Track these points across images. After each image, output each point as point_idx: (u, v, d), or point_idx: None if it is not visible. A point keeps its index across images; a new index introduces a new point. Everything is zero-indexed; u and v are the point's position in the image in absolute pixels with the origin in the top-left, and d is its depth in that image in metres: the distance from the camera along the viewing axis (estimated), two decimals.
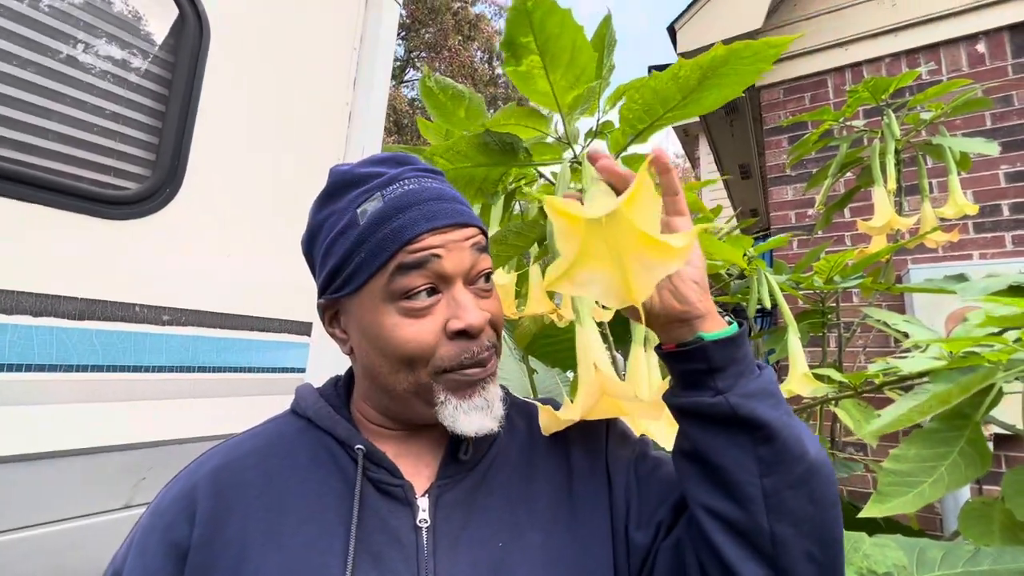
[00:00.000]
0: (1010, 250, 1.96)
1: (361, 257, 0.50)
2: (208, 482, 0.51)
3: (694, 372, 0.47)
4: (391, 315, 0.50)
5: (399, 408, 0.54)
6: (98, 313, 0.96)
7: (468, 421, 0.50)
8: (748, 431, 0.45)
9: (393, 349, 0.50)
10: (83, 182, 0.97)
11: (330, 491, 0.51)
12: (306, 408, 0.57)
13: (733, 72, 0.51)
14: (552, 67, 0.57)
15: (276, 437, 0.56)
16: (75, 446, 0.91)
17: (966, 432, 0.57)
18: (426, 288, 0.50)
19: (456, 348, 0.50)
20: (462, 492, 0.53)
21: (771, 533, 0.44)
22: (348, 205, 0.52)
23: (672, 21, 2.51)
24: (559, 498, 0.54)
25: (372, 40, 1.54)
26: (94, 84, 1.00)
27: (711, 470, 0.47)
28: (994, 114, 2.05)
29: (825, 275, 1.16)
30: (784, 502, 0.44)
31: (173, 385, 1.06)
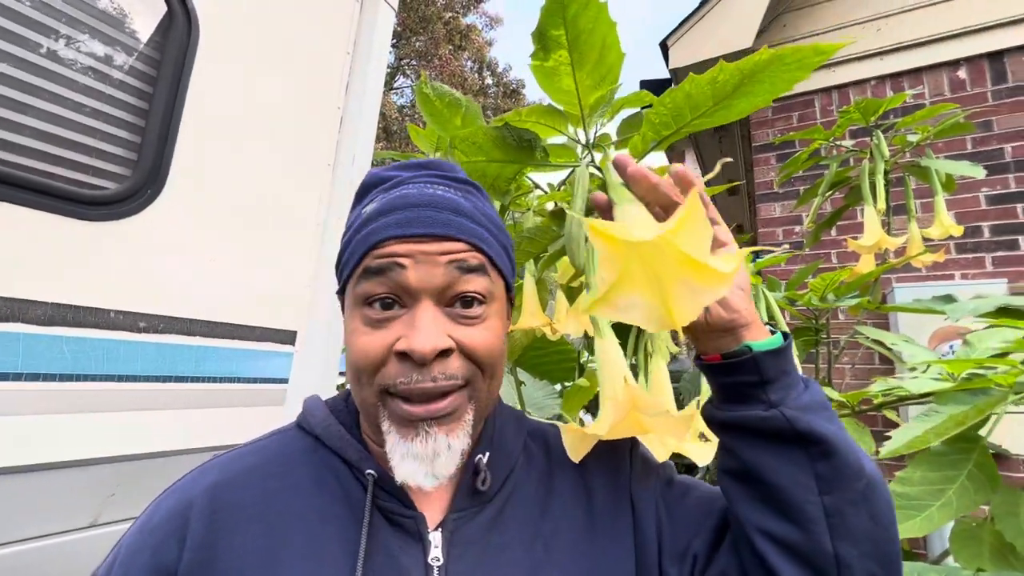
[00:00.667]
0: (990, 271, 2.01)
1: (345, 258, 0.50)
2: (204, 500, 0.47)
3: (742, 384, 0.44)
4: (354, 320, 0.48)
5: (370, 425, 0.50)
6: (69, 318, 0.90)
7: (400, 466, 0.45)
8: (804, 446, 0.42)
9: (349, 355, 0.48)
10: (58, 180, 0.92)
11: (335, 519, 0.46)
12: (314, 425, 0.52)
13: (769, 79, 0.49)
14: (580, 64, 0.55)
15: (279, 454, 0.51)
16: (38, 460, 0.85)
17: (973, 455, 0.56)
18: (384, 298, 0.46)
19: (396, 368, 0.45)
20: (477, 528, 0.48)
21: (835, 555, 0.41)
22: (361, 206, 0.51)
23: (665, 37, 2.55)
24: (579, 534, 0.50)
25: (366, 45, 1.52)
26: (73, 79, 0.96)
27: (766, 490, 0.43)
28: (974, 138, 2.11)
29: (820, 293, 1.16)
30: (846, 521, 0.41)
31: (148, 395, 1.01)
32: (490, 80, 17.10)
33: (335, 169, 1.42)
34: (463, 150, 0.63)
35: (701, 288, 0.39)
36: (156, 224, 1.04)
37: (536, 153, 0.64)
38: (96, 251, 0.95)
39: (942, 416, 0.53)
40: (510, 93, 17.08)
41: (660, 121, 0.55)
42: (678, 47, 2.48)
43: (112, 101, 1.01)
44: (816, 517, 0.41)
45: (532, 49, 0.55)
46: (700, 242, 0.38)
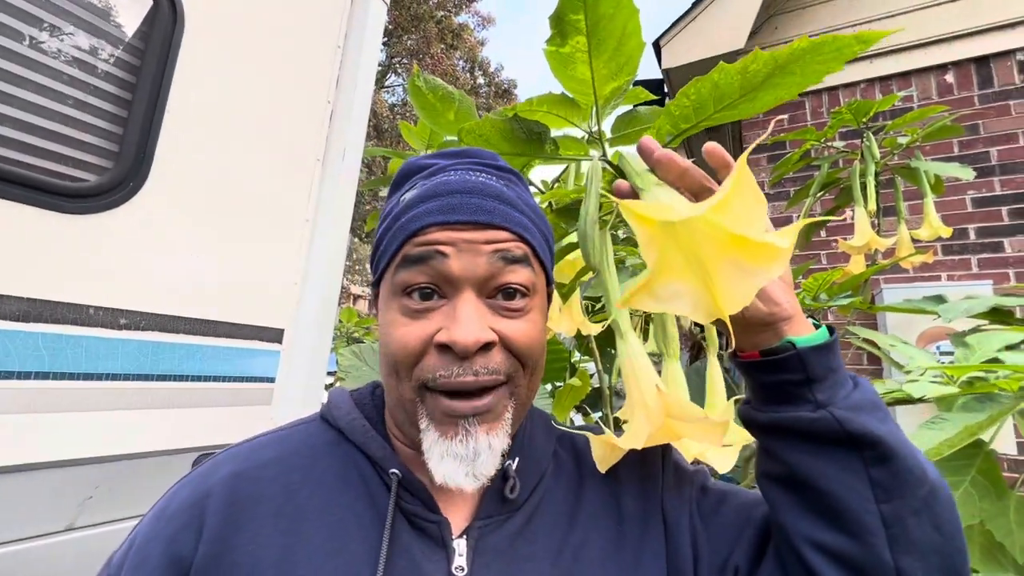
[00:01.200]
0: (976, 272, 2.04)
1: (384, 245, 0.47)
2: (222, 490, 0.44)
3: (787, 383, 0.41)
4: (391, 311, 0.45)
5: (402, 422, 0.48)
6: (45, 315, 0.87)
7: (439, 466, 0.43)
8: (858, 450, 0.38)
9: (385, 347, 0.45)
10: (36, 171, 0.89)
11: (356, 519, 0.44)
12: (338, 418, 0.50)
13: (801, 70, 0.47)
14: (597, 52, 0.53)
15: (302, 446, 0.49)
16: (12, 462, 0.81)
17: (977, 461, 0.55)
18: (424, 287, 0.44)
19: (436, 361, 0.43)
20: (504, 537, 0.45)
21: (896, 569, 0.37)
22: (400, 193, 0.49)
23: (658, 37, 2.54)
24: (608, 547, 0.46)
25: (357, 39, 1.49)
26: (53, 68, 0.92)
27: (816, 497, 0.40)
28: (961, 141, 2.14)
29: (812, 293, 1.16)
30: (908, 531, 0.37)
31: (129, 395, 0.98)
32: (482, 80, 17.07)
33: (324, 164, 1.39)
34: (469, 143, 0.61)
35: (754, 268, 0.35)
36: (138, 218, 1.00)
37: (546, 146, 0.62)
38: (75, 245, 0.92)
39: (954, 426, 0.51)
40: (502, 93, 17.05)
41: (681, 114, 0.51)
42: (671, 47, 2.48)
43: (94, 91, 0.98)
44: (874, 527, 0.38)
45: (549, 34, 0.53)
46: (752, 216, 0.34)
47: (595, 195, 0.53)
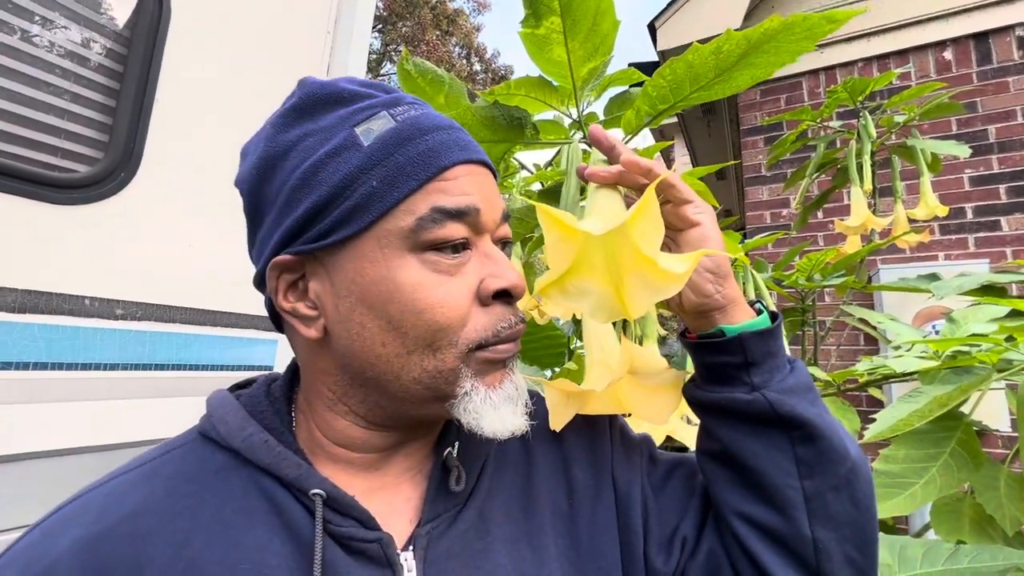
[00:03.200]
0: (973, 251, 2.04)
1: (370, 186, 0.36)
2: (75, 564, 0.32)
3: (725, 365, 0.42)
4: (413, 269, 0.37)
5: (397, 408, 0.40)
6: (41, 306, 0.88)
7: (497, 419, 0.38)
8: (786, 430, 0.40)
9: (416, 318, 0.36)
10: (26, 163, 0.89)
11: (275, 559, 0.35)
12: (228, 436, 0.39)
13: (775, 50, 0.47)
14: (572, 32, 0.53)
15: (181, 482, 0.38)
16: (11, 451, 0.83)
17: (957, 433, 0.56)
18: (460, 241, 0.38)
19: (492, 316, 0.38)
20: (455, 538, 0.40)
21: (813, 539, 0.40)
22: (337, 123, 0.38)
23: (653, 19, 2.52)
24: (562, 528, 0.44)
25: (348, 23, 1.47)
26: (39, 58, 0.92)
27: (746, 473, 0.42)
28: (959, 119, 2.12)
29: (806, 273, 1.16)
30: (827, 506, 0.40)
31: (127, 384, 0.99)
32: (478, 66, 16.90)
33: None
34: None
35: (655, 284, 0.38)
36: (131, 208, 1.00)
37: (526, 131, 0.62)
38: (69, 236, 0.92)
39: (926, 398, 0.52)
40: (498, 80, 16.89)
41: (657, 94, 0.52)
42: (666, 29, 2.45)
43: (81, 81, 0.97)
44: (796, 502, 0.40)
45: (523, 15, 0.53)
46: (653, 239, 0.37)
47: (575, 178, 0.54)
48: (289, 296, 0.40)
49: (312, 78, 0.42)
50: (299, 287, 0.40)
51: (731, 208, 4.25)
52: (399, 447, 0.43)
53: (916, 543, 0.85)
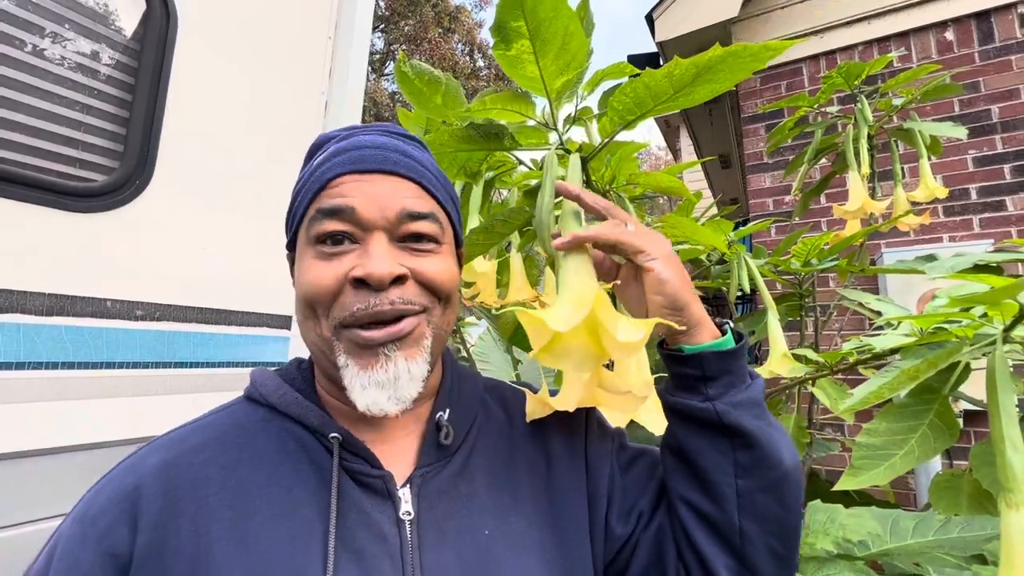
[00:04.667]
0: (978, 232, 2.02)
1: (296, 202, 0.51)
2: (154, 480, 0.45)
3: (687, 376, 0.50)
4: (307, 257, 0.49)
5: (330, 375, 0.50)
6: (67, 309, 0.93)
7: (362, 396, 0.46)
8: (729, 437, 0.48)
9: (300, 290, 0.48)
10: (47, 174, 0.94)
11: (302, 485, 0.46)
12: (268, 394, 0.51)
13: (728, 69, 0.51)
14: (542, 52, 0.56)
15: (232, 428, 0.50)
16: (43, 446, 0.88)
17: (935, 405, 0.59)
18: (340, 233, 0.47)
19: (353, 298, 0.46)
20: (445, 480, 0.50)
21: (740, 529, 0.48)
22: (314, 159, 0.53)
23: (651, 10, 2.52)
24: (539, 486, 0.53)
25: (347, 28, 1.51)
26: (55, 72, 0.97)
27: (693, 468, 0.50)
28: (962, 100, 2.10)
29: (802, 258, 1.18)
30: (755, 503, 0.48)
31: (150, 381, 1.04)
32: (481, 62, 16.87)
33: None
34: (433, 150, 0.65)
35: (620, 347, 0.45)
36: (146, 214, 1.05)
37: (504, 140, 0.66)
38: (89, 242, 0.97)
39: (896, 371, 0.55)
40: (502, 75, 16.85)
41: (623, 108, 0.58)
42: (664, 19, 2.45)
43: (95, 94, 1.02)
44: (730, 496, 0.48)
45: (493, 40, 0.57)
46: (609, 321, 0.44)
47: (550, 185, 0.58)
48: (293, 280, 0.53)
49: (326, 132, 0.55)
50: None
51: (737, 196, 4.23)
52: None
53: (908, 516, 0.88)
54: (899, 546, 0.82)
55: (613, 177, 0.73)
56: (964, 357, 0.56)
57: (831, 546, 0.76)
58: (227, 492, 0.45)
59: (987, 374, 0.50)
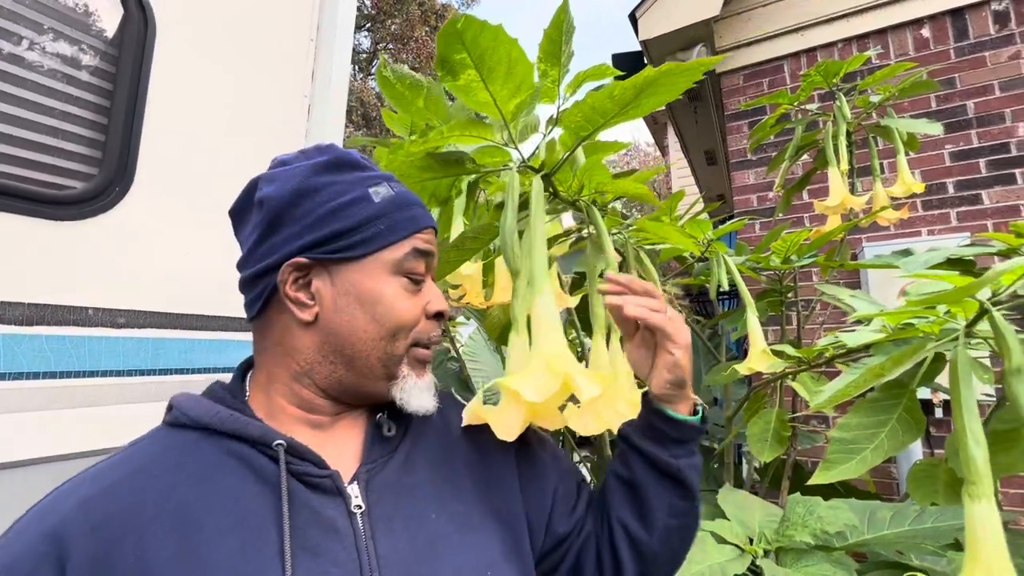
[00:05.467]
0: (955, 225, 2.06)
1: (379, 228, 0.54)
2: (78, 518, 0.43)
3: (665, 434, 0.60)
4: (393, 285, 0.55)
5: (356, 380, 0.55)
6: (47, 318, 0.92)
7: (419, 397, 0.56)
8: (677, 486, 0.60)
9: (389, 315, 0.54)
10: (24, 182, 0.93)
11: (249, 496, 0.47)
12: (199, 416, 0.51)
13: (668, 83, 0.55)
14: (490, 79, 0.59)
15: (160, 455, 0.49)
16: (25, 456, 0.87)
17: (903, 400, 0.60)
18: (422, 275, 0.58)
19: (430, 326, 0.58)
20: (390, 473, 0.54)
21: (654, 553, 0.60)
22: (356, 182, 0.56)
23: (633, 9, 2.53)
24: (478, 478, 0.59)
25: (330, 30, 1.50)
26: (32, 79, 0.96)
27: (639, 501, 0.60)
28: (938, 96, 2.14)
29: (782, 255, 1.20)
30: (672, 537, 0.61)
31: (133, 389, 1.03)
32: None
33: None
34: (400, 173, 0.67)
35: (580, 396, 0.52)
36: (127, 221, 1.04)
37: (466, 164, 0.68)
38: (69, 251, 0.96)
39: (862, 368, 0.57)
40: None
41: (576, 126, 0.62)
42: (647, 18, 2.46)
43: (72, 100, 1.01)
44: (659, 528, 0.60)
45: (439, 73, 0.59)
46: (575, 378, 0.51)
47: (513, 204, 0.60)
48: (295, 288, 0.54)
49: (336, 147, 0.59)
50: (302, 282, 0.54)
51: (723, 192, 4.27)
52: (344, 415, 0.57)
53: (886, 507, 0.90)
54: (876, 536, 0.85)
55: (581, 187, 0.74)
56: (929, 352, 0.58)
57: (809, 538, 0.78)
58: (167, 515, 0.44)
59: (950, 369, 0.51)
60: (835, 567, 0.78)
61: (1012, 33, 2.05)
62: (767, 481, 1.44)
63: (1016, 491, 1.83)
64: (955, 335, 0.55)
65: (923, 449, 1.98)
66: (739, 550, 0.83)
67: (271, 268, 0.54)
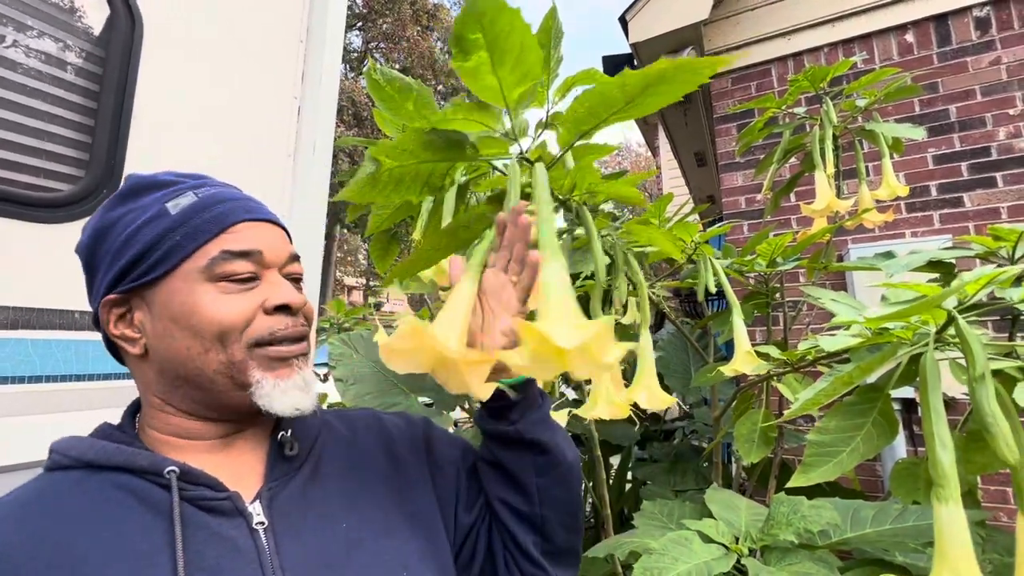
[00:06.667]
0: (938, 228, 2.10)
1: (175, 240, 0.52)
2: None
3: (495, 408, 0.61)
4: (209, 292, 0.51)
5: (210, 398, 0.52)
6: (33, 321, 0.91)
7: (284, 400, 0.52)
8: (529, 447, 0.61)
9: (208, 323, 0.50)
10: (9, 184, 0.92)
11: (137, 526, 0.45)
12: (81, 454, 0.49)
13: (677, 80, 0.54)
14: (500, 64, 0.58)
15: (35, 498, 0.47)
16: (11, 462, 0.87)
17: (878, 404, 0.62)
18: (248, 274, 0.53)
19: (271, 321, 0.53)
20: (295, 489, 0.53)
21: (541, 515, 0.62)
22: (153, 202, 0.54)
23: (624, 11, 2.55)
24: (390, 485, 0.60)
25: (319, 31, 1.50)
26: (17, 81, 0.95)
27: (506, 473, 0.62)
28: (922, 100, 2.18)
29: (768, 257, 1.21)
30: (550, 493, 0.62)
31: (124, 392, 1.03)
32: None
33: (296, 159, 1.42)
34: (393, 156, 0.65)
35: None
36: None
37: (466, 149, 0.67)
38: (56, 253, 0.96)
39: (832, 378, 0.58)
40: None
41: (579, 118, 0.60)
42: (636, 21, 2.48)
43: (58, 102, 1.00)
44: (532, 492, 0.61)
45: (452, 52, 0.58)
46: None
47: (515, 191, 0.59)
48: (119, 325, 0.54)
49: (138, 174, 0.57)
50: (126, 318, 0.54)
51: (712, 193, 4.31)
52: (238, 434, 0.56)
53: (868, 506, 0.92)
54: (858, 535, 0.86)
55: (573, 186, 0.75)
56: (903, 357, 0.59)
57: (793, 537, 0.79)
58: (42, 556, 0.42)
59: (920, 375, 0.53)
60: (818, 565, 0.79)
61: (993, 39, 2.09)
62: (755, 480, 1.46)
63: (995, 488, 1.87)
64: (927, 340, 0.56)
65: (907, 447, 2.02)
66: (725, 549, 0.85)
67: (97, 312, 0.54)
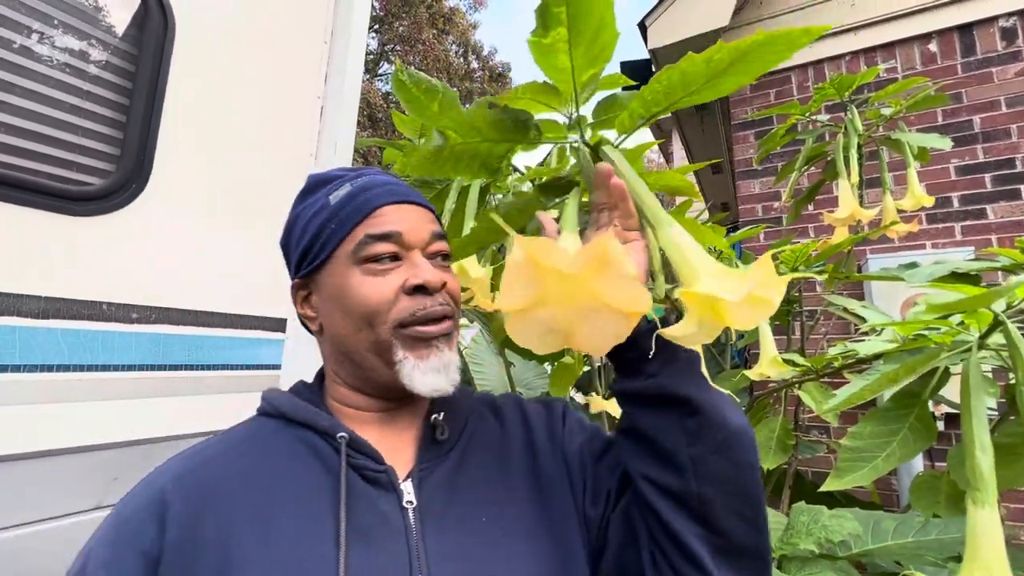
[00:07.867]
0: (959, 239, 2.07)
1: (331, 229, 0.57)
2: (175, 486, 0.51)
3: (627, 360, 0.53)
4: (356, 276, 0.55)
5: (365, 374, 0.57)
6: (63, 311, 0.93)
7: (424, 381, 0.54)
8: (675, 407, 0.50)
9: (356, 305, 0.54)
10: (43, 177, 0.94)
11: (314, 482, 0.52)
12: (280, 406, 0.58)
13: (760, 58, 0.51)
14: (576, 42, 0.57)
15: (247, 438, 0.57)
16: (38, 448, 0.88)
17: (915, 409, 0.61)
18: (389, 254, 0.56)
19: (411, 302, 0.55)
20: (443, 474, 0.56)
21: (698, 494, 0.49)
22: (321, 196, 0.59)
23: (643, 17, 2.55)
24: (530, 479, 0.59)
25: (343, 32, 1.52)
26: (51, 76, 0.97)
27: (648, 443, 0.52)
28: (945, 111, 2.16)
29: (791, 265, 1.21)
30: (708, 467, 0.49)
31: (146, 384, 1.04)
32: (475, 64, 16.88)
33: (317, 158, 1.44)
34: (460, 132, 0.64)
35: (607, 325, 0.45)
36: (143, 218, 1.05)
37: (530, 131, 0.66)
38: (85, 246, 0.97)
39: (878, 374, 0.58)
40: (496, 77, 16.87)
41: (652, 98, 0.57)
42: (656, 27, 2.49)
43: (91, 97, 1.02)
44: (685, 464, 0.49)
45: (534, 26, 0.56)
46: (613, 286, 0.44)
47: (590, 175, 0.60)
48: (303, 306, 0.61)
49: (314, 172, 0.63)
50: (309, 299, 0.60)
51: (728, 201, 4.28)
52: (396, 411, 0.60)
53: (889, 517, 0.90)
54: (879, 547, 0.85)
55: None
56: (942, 362, 0.58)
57: (813, 546, 0.78)
58: (247, 493, 0.51)
59: (962, 379, 0.52)
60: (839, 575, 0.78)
61: (1019, 50, 2.06)
62: (769, 489, 1.44)
63: (1018, 506, 1.83)
64: (967, 347, 0.56)
65: (924, 462, 1.98)
66: None
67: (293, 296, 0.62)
